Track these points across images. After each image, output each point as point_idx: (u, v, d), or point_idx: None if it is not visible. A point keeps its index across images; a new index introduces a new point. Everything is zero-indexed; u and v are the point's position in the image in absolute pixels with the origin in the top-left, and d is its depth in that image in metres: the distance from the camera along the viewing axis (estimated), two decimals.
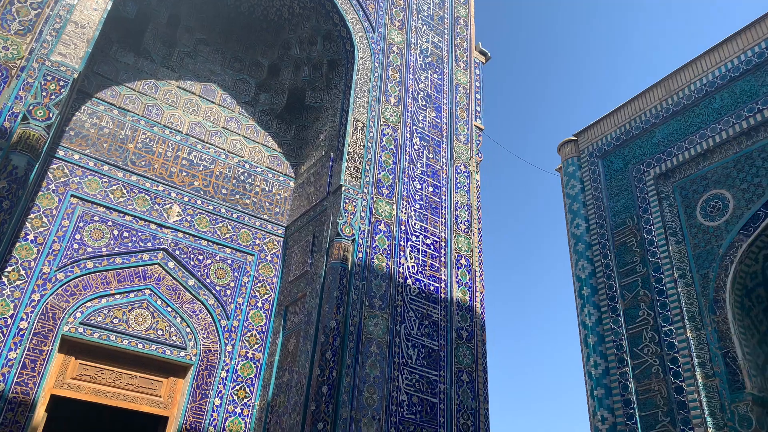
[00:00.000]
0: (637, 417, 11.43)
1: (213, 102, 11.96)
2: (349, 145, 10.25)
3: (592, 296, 13.11)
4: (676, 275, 11.83)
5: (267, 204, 11.53)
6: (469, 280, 10.66)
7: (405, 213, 10.39)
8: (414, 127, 11.49)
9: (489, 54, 13.90)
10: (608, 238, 13.42)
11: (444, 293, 10.16)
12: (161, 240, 9.97)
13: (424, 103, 11.97)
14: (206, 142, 11.42)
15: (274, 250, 11.09)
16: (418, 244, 10.29)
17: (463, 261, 10.77)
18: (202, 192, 10.86)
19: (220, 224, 10.73)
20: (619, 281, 12.82)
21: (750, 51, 12.15)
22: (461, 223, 11.15)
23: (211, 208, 10.75)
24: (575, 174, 14.87)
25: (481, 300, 10.67)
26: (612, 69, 52.00)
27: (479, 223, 11.56)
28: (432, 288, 10.04)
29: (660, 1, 45.85)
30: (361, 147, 10.38)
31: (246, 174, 11.60)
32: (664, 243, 12.23)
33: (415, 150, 11.24)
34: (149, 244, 9.84)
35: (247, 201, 11.33)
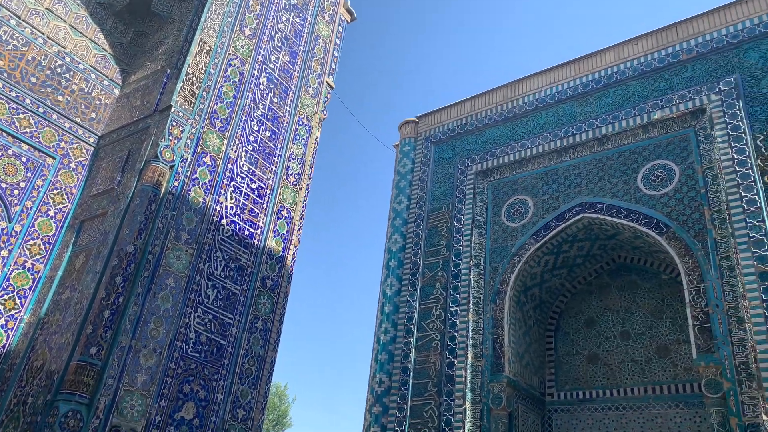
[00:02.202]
0: (410, 384, 12.46)
1: None
2: (189, 66, 9.58)
3: (398, 269, 13.93)
4: (472, 264, 12.99)
5: (83, 107, 10.40)
6: (287, 232, 10.67)
7: (235, 152, 10.04)
8: (264, 66, 11.09)
9: (355, 14, 13.82)
10: (423, 219, 14.29)
11: (258, 240, 10.06)
12: None
13: (279, 44, 11.58)
14: (23, 20, 9.94)
15: (81, 159, 10.08)
16: (243, 186, 10.04)
17: (285, 212, 10.73)
18: (6, 74, 9.46)
19: (22, 116, 9.47)
20: (424, 260, 13.76)
21: (579, 80, 13.55)
22: (291, 174, 11.08)
23: (13, 94, 9.43)
24: (409, 154, 15.53)
25: (294, 253, 10.74)
26: (467, 62, 54.73)
27: (309, 179, 11.58)
28: (247, 233, 9.89)
29: (530, 7, 49.04)
30: (203, 71, 9.77)
31: (64, 68, 10.32)
32: (469, 234, 13.34)
33: (260, 90, 10.87)
34: None
35: (60, 98, 10.11)
